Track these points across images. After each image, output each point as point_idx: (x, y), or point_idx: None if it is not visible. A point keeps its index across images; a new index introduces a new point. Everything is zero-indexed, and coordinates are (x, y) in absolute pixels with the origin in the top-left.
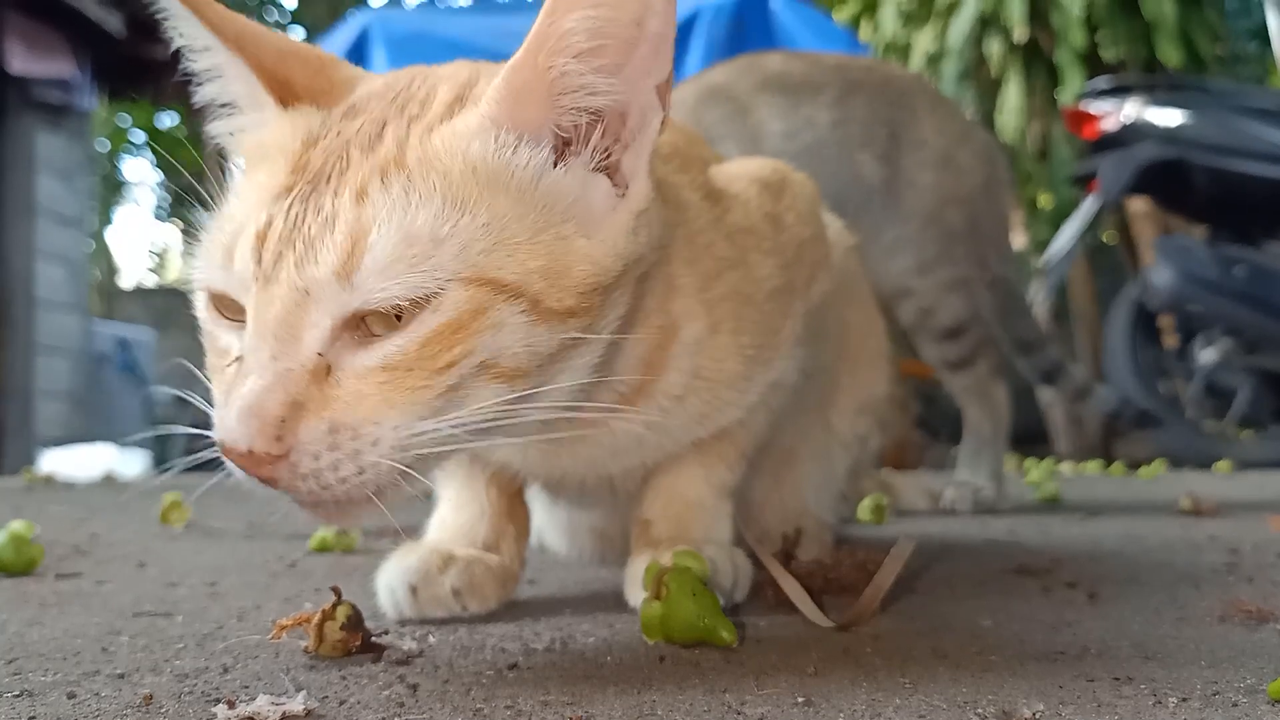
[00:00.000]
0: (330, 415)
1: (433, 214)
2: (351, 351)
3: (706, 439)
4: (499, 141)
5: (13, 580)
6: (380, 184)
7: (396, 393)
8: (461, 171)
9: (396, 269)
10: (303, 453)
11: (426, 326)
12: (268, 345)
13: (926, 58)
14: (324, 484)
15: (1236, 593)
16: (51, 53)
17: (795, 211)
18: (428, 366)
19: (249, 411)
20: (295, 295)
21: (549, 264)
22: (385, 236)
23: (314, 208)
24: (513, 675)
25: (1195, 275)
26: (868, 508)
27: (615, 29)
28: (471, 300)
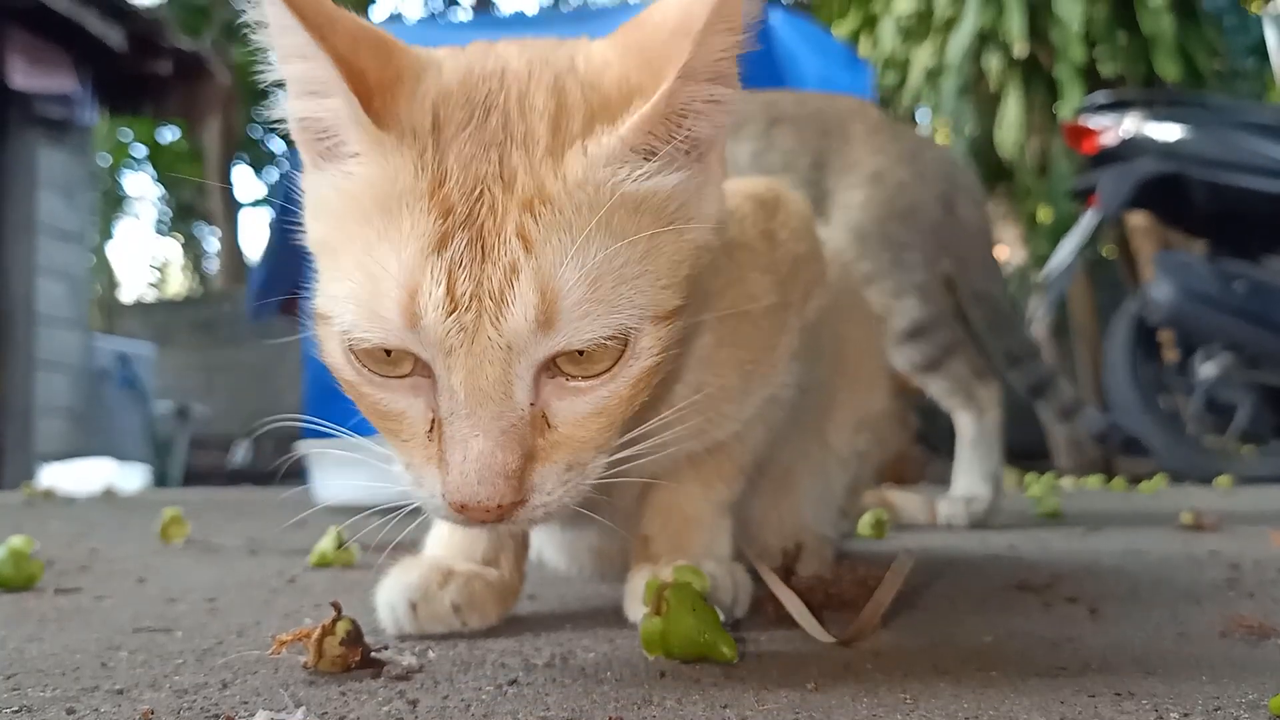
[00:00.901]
0: (565, 458)
1: (599, 249)
2: (558, 397)
3: (703, 455)
4: (641, 167)
5: (12, 596)
6: (537, 224)
7: (610, 427)
8: (606, 202)
9: (593, 311)
10: (538, 491)
11: (632, 372)
12: (485, 408)
13: (926, 73)
14: (549, 511)
15: (1238, 608)
16: (53, 68)
17: (789, 228)
18: (631, 403)
19: (492, 472)
20: (500, 353)
21: (690, 269)
22: (570, 281)
23: (486, 258)
24: (513, 691)
25: (1195, 290)
26: (868, 523)
27: (739, 31)
28: (662, 339)
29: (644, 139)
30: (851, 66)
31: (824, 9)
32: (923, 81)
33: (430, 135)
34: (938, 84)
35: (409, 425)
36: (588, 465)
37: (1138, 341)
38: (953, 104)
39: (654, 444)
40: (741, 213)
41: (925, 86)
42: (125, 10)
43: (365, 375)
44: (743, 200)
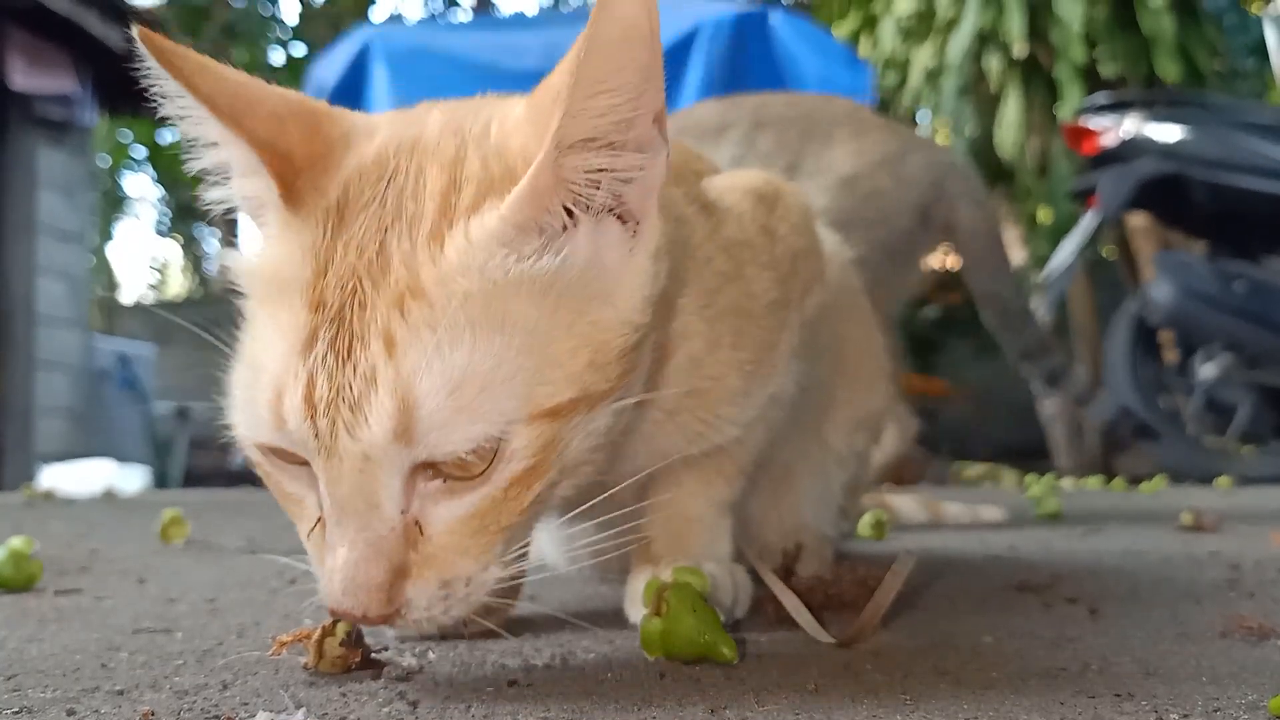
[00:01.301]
0: (438, 574)
1: (468, 348)
2: (434, 502)
3: (703, 456)
4: (520, 247)
5: (12, 596)
6: (404, 322)
7: (491, 536)
8: (483, 290)
9: (453, 422)
10: (414, 607)
11: (504, 475)
12: (350, 518)
13: (926, 73)
14: (430, 620)
15: (1238, 608)
16: (53, 69)
17: (789, 223)
18: (514, 507)
19: (354, 585)
20: (359, 464)
21: (592, 355)
22: (430, 389)
23: (348, 361)
24: (513, 692)
25: (1195, 290)
26: (868, 524)
27: (628, 90)
28: (540, 438)
29: (526, 217)
30: (852, 67)
31: (824, 10)
32: (923, 82)
33: (331, 218)
34: (938, 84)
35: (303, 514)
36: (471, 579)
37: (1138, 342)
38: (953, 104)
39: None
40: (740, 208)
41: (925, 87)
42: (125, 11)
43: (270, 461)
44: (741, 195)
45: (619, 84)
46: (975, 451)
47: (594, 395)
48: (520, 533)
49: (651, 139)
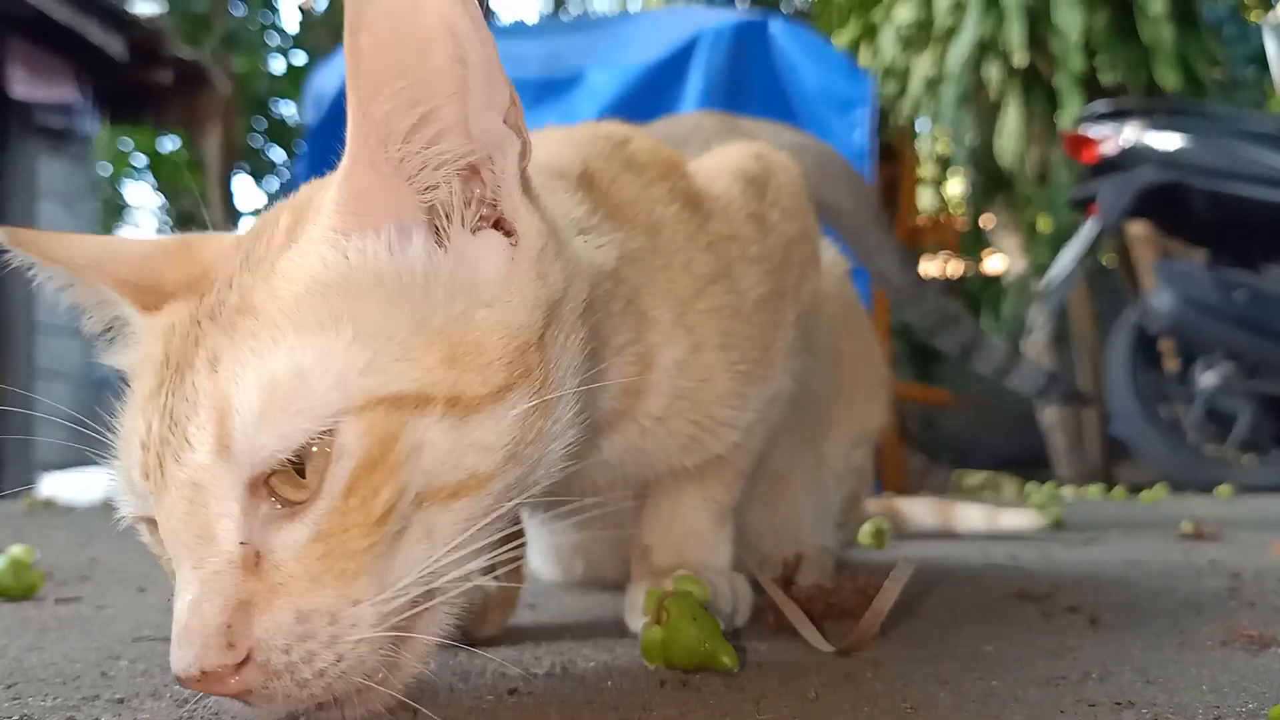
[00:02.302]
0: (293, 603)
1: (287, 348)
2: (276, 528)
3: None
4: (348, 249)
5: (13, 605)
6: (229, 341)
7: (347, 562)
8: (310, 293)
9: (267, 420)
10: (269, 650)
11: (338, 478)
12: (185, 556)
13: (926, 82)
14: (300, 680)
15: (1238, 618)
16: (54, 78)
17: (780, 207)
18: (362, 521)
19: (187, 632)
20: (188, 492)
21: (450, 351)
22: (245, 391)
23: (180, 395)
24: (513, 700)
25: (1195, 299)
26: (868, 532)
27: (436, 84)
28: (372, 430)
29: (348, 220)
30: (851, 76)
31: (824, 18)
32: (923, 91)
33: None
34: (938, 93)
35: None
36: (336, 617)
37: (1138, 350)
38: (953, 113)
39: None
40: (729, 196)
41: (925, 96)
42: (126, 20)
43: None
44: (731, 180)
45: (409, 85)
46: (975, 460)
47: (459, 399)
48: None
49: (493, 134)
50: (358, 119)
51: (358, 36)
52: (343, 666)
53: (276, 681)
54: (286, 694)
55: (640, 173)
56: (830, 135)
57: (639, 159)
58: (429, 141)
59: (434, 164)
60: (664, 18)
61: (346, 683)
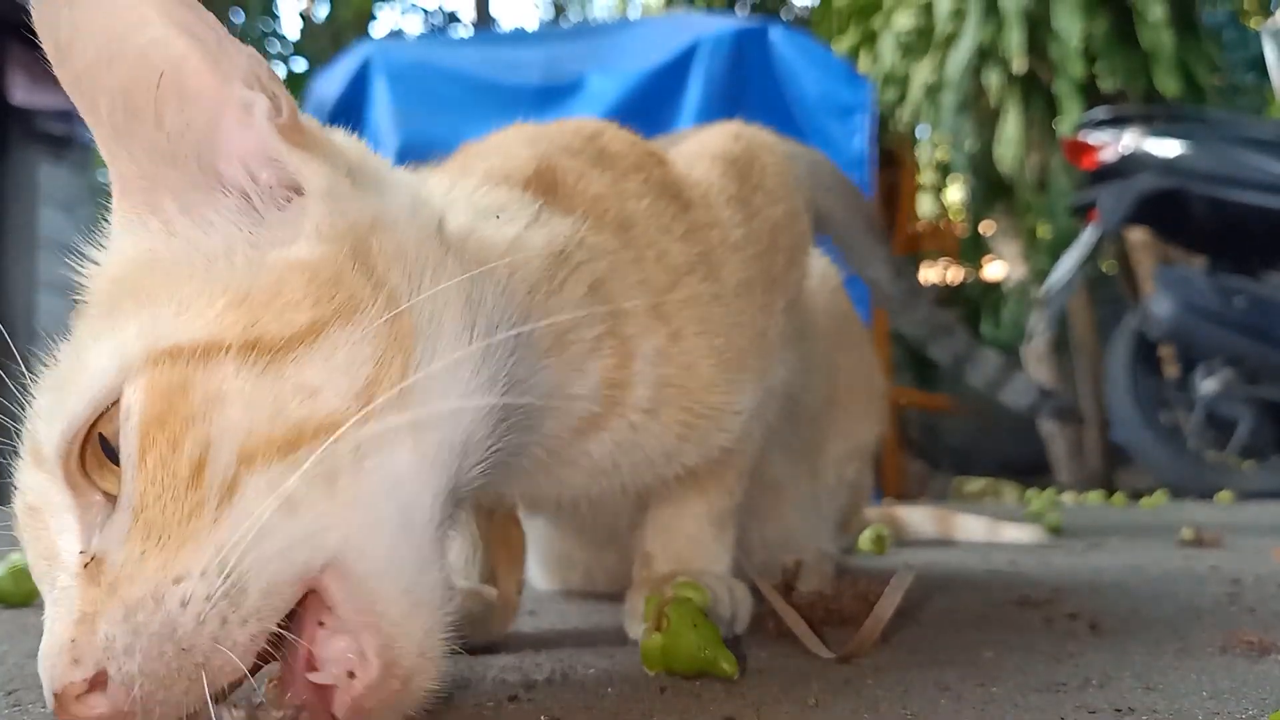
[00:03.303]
0: (121, 601)
1: (74, 340)
2: (103, 526)
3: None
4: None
5: (12, 612)
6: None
7: (171, 532)
8: (102, 282)
9: (55, 406)
10: (117, 658)
11: (129, 440)
12: (41, 581)
13: (925, 89)
14: (162, 681)
15: (1238, 624)
16: (54, 84)
17: (764, 190)
18: (171, 485)
19: (44, 655)
20: (30, 519)
21: (239, 296)
22: (44, 394)
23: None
24: (513, 707)
25: (1195, 305)
26: (868, 538)
27: (141, 69)
28: (153, 386)
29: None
30: (851, 82)
31: (824, 25)
32: (922, 97)
33: None
34: (937, 100)
35: None
36: (164, 594)
37: (1138, 357)
38: (952, 120)
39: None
40: (708, 181)
41: (925, 102)
42: None
43: None
44: (710, 164)
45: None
46: (976, 466)
47: (260, 340)
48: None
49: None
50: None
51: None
52: (198, 655)
53: (140, 691)
54: (162, 701)
55: (610, 166)
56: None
57: (609, 151)
58: (164, 128)
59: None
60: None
61: (217, 670)
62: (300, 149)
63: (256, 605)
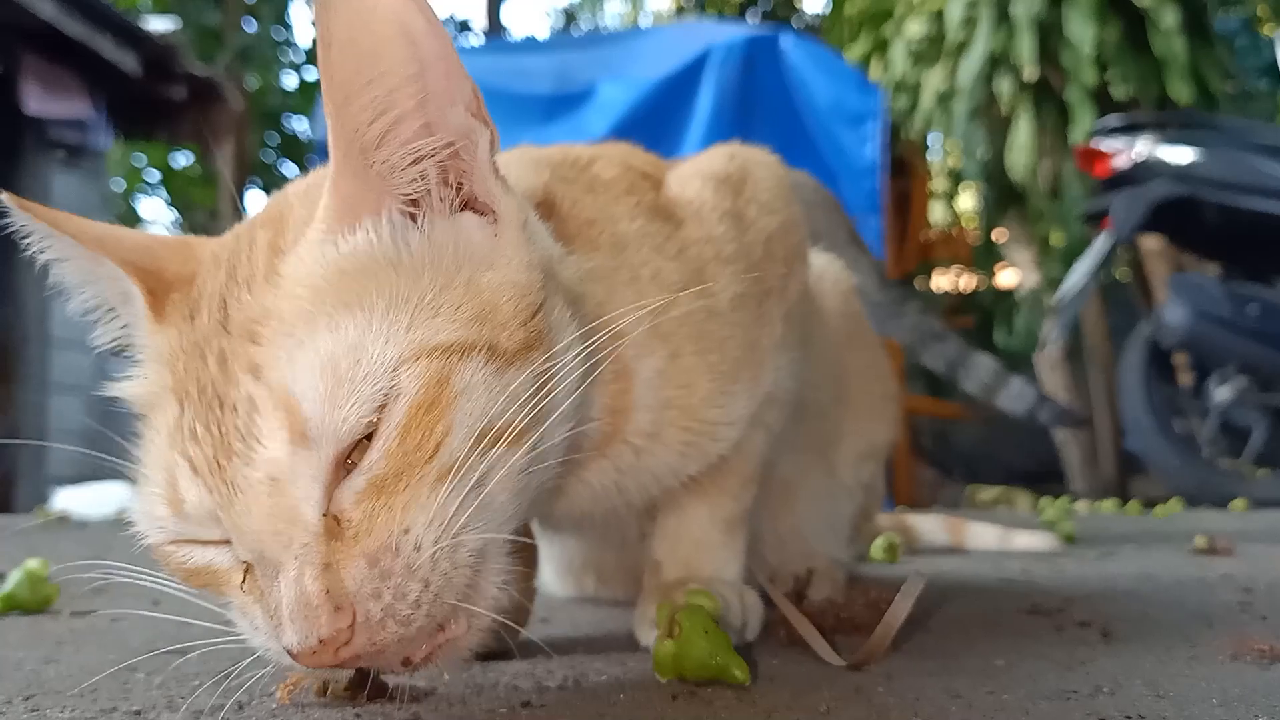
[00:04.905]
0: (360, 550)
1: (326, 332)
2: (344, 489)
3: (705, 474)
4: (348, 242)
5: (29, 618)
6: (259, 346)
7: (404, 496)
8: (326, 283)
9: (343, 395)
10: (363, 601)
11: (396, 417)
12: (272, 545)
13: (937, 96)
14: (403, 620)
15: (1249, 632)
16: (67, 93)
17: (758, 203)
18: (416, 460)
19: (298, 611)
20: (269, 488)
21: (477, 309)
22: (306, 385)
23: (222, 411)
24: (526, 713)
25: (1209, 313)
26: (880, 547)
27: (402, 88)
28: (425, 373)
29: (342, 216)
30: (862, 90)
31: (835, 33)
32: (934, 105)
33: (185, 319)
34: (949, 108)
35: (226, 580)
36: (399, 544)
37: (1152, 365)
38: (964, 128)
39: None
40: (701, 199)
41: (937, 110)
42: (140, 36)
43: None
44: (702, 184)
45: (377, 92)
46: (989, 475)
47: (495, 347)
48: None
49: (461, 126)
50: (335, 130)
51: (329, 51)
52: (433, 589)
53: (383, 631)
54: (398, 638)
55: (602, 192)
56: (841, 149)
57: (602, 178)
58: (402, 143)
59: (409, 162)
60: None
61: (442, 605)
62: (499, 182)
63: (464, 558)
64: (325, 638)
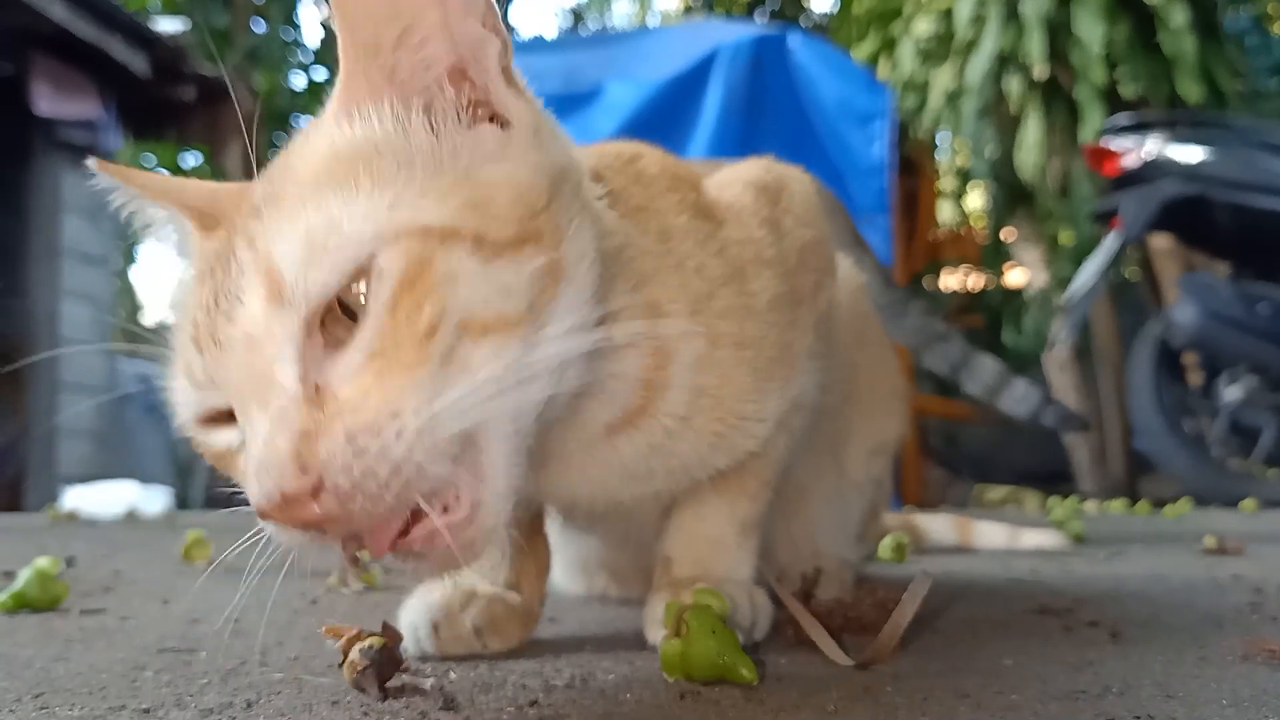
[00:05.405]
0: (342, 425)
1: (315, 205)
2: (332, 362)
3: (727, 471)
4: (357, 121)
5: (39, 616)
6: (260, 222)
7: (394, 377)
8: (325, 163)
9: (316, 260)
10: (334, 472)
11: (382, 296)
12: (251, 402)
13: (945, 95)
14: (372, 496)
15: (1260, 632)
16: (77, 94)
17: (793, 214)
18: (410, 336)
19: (263, 465)
20: (244, 344)
21: (468, 197)
22: (285, 246)
23: (223, 284)
24: (533, 712)
25: (1219, 312)
26: (888, 546)
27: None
28: (407, 253)
29: (350, 102)
30: (871, 89)
31: (843, 32)
32: (943, 104)
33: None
34: (958, 106)
35: (236, 460)
36: (381, 428)
37: (1161, 364)
38: (973, 126)
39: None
40: (741, 203)
41: (945, 109)
42: (149, 37)
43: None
44: (742, 189)
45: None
46: (998, 475)
47: (482, 238)
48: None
49: (473, 36)
50: (346, 36)
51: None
52: (403, 477)
53: (350, 503)
54: (366, 513)
55: (649, 185)
56: (849, 149)
57: (648, 173)
58: (413, 49)
59: (421, 67)
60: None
61: (411, 492)
62: (512, 89)
63: (445, 446)
64: (288, 492)
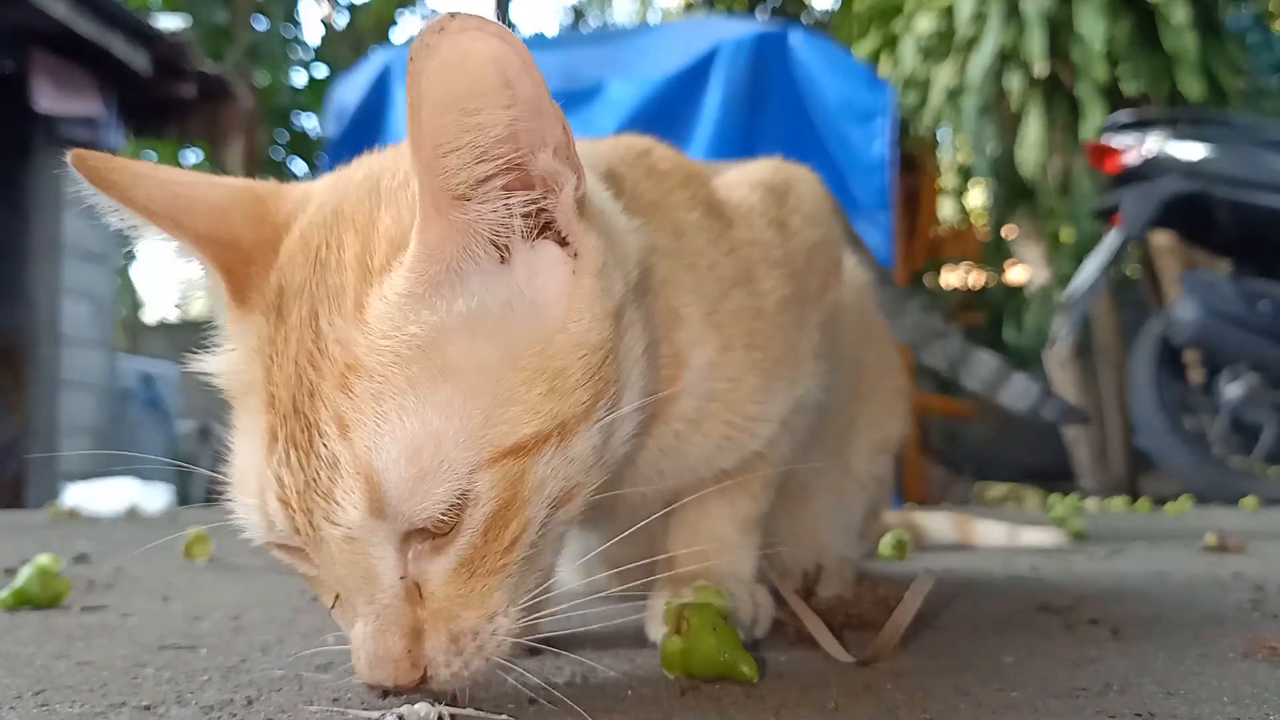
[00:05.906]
0: (446, 628)
1: (415, 411)
2: (428, 561)
3: (732, 470)
4: (434, 303)
5: (40, 613)
6: (350, 400)
7: (486, 580)
8: (413, 348)
9: (419, 489)
10: (436, 665)
11: (476, 521)
12: (355, 593)
13: (946, 92)
14: (459, 678)
15: (1261, 630)
16: (78, 91)
17: (801, 214)
18: (497, 548)
19: (379, 658)
20: (346, 545)
21: (550, 383)
22: (388, 462)
23: (310, 451)
24: (534, 709)
25: (1220, 310)
26: (889, 544)
27: (495, 130)
28: (504, 479)
29: (430, 274)
30: (872, 86)
31: (844, 29)
32: (944, 101)
33: (272, 311)
34: (959, 104)
35: (322, 589)
36: (478, 632)
37: (1162, 362)
38: (974, 124)
39: None
40: (749, 203)
41: (946, 106)
42: (150, 34)
43: (277, 551)
44: (750, 190)
45: (473, 138)
46: (998, 472)
47: (565, 423)
48: (525, 573)
49: (553, 172)
50: (425, 181)
51: (419, 110)
52: (492, 664)
53: (445, 685)
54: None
55: (661, 180)
56: (850, 146)
57: (660, 168)
58: (492, 193)
59: (498, 211)
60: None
61: (492, 667)
62: (583, 221)
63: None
64: (402, 684)
